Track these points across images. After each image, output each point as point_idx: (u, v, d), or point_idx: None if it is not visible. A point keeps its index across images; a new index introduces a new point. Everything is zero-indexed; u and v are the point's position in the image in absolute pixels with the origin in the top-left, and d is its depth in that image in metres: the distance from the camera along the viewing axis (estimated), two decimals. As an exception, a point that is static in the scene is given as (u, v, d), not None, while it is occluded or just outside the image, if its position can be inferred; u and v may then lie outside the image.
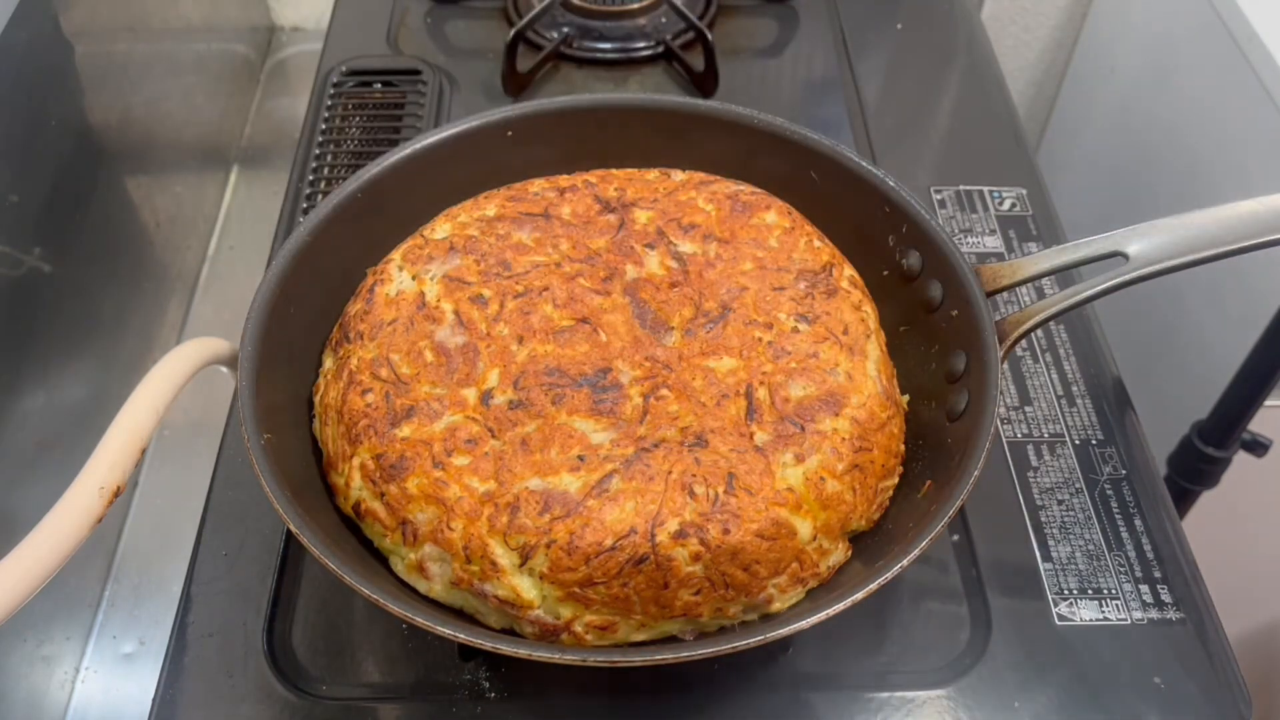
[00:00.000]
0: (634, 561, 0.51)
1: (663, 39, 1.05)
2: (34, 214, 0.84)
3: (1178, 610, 0.65)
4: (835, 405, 0.57)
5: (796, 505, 0.53)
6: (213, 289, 1.12)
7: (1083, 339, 0.80)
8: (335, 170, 0.93)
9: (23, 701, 0.79)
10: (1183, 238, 0.57)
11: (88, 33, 0.94)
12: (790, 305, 0.62)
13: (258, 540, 0.68)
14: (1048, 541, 0.69)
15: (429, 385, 0.58)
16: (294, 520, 0.50)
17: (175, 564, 0.83)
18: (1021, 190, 0.92)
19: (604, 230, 0.66)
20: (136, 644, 0.87)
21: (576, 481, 0.53)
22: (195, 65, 1.17)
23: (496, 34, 1.08)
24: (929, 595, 0.66)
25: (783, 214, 0.67)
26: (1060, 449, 0.73)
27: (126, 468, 0.53)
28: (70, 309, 0.89)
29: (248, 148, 1.25)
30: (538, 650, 0.48)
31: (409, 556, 0.54)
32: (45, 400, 0.85)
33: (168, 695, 0.61)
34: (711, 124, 0.70)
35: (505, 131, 0.70)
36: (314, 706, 0.61)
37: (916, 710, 0.61)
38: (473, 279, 0.62)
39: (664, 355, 0.59)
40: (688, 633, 0.54)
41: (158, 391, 0.56)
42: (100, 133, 0.97)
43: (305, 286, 0.62)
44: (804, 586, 0.54)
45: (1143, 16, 1.27)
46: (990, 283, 0.60)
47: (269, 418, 0.56)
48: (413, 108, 0.99)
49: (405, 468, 0.54)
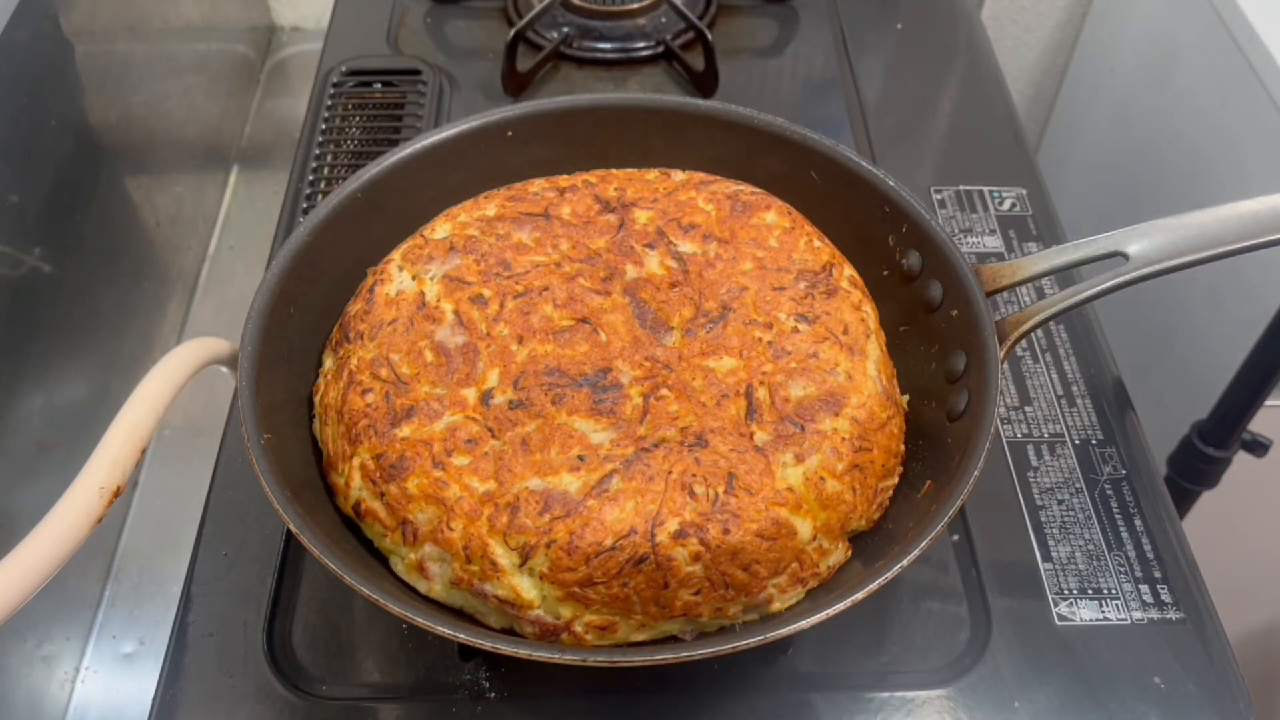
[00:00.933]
0: (634, 561, 0.51)
1: (663, 39, 1.05)
2: (34, 214, 0.84)
3: (1178, 610, 0.65)
4: (835, 405, 0.57)
5: (796, 505, 0.53)
6: (213, 289, 1.12)
7: (1083, 339, 0.80)
8: (335, 170, 0.93)
9: (23, 701, 0.79)
10: (1183, 238, 0.57)
11: (88, 33, 0.94)
12: (790, 305, 0.62)
13: (258, 540, 0.68)
14: (1048, 541, 0.69)
15: (429, 385, 0.58)
16: (294, 520, 0.50)
17: (175, 564, 0.83)
18: (1021, 190, 0.92)
19: (604, 230, 0.66)
20: (136, 644, 0.87)
21: (576, 481, 0.53)
22: (195, 65, 1.17)
23: (496, 34, 1.08)
24: (929, 595, 0.66)
25: (783, 214, 0.67)
26: (1060, 449, 0.73)
27: (127, 468, 0.53)
28: (70, 309, 0.89)
29: (248, 148, 1.26)
30: (537, 650, 0.48)
31: (409, 556, 0.54)
32: (45, 400, 0.85)
33: (168, 695, 0.61)
34: (711, 124, 0.70)
35: (505, 131, 0.70)
36: (314, 706, 0.61)
37: (916, 710, 0.61)
38: (473, 279, 0.62)
39: (664, 355, 0.59)
40: (688, 633, 0.54)
41: (158, 391, 0.56)
42: (100, 133, 0.97)
43: (305, 286, 0.62)
44: (804, 586, 0.54)
45: (1143, 16, 1.27)
46: (990, 283, 0.60)
47: (269, 418, 0.56)
48: (413, 108, 0.99)
49: (405, 468, 0.54)
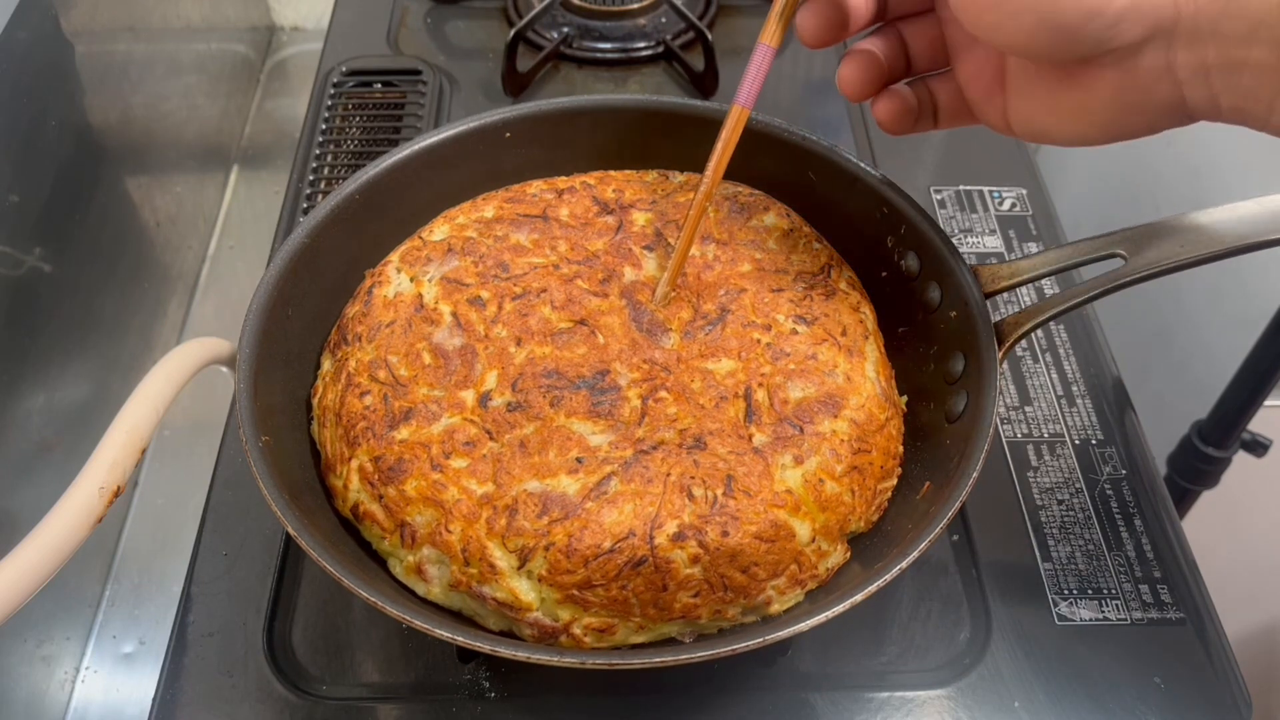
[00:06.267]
0: (632, 564, 0.51)
1: (663, 39, 1.05)
2: (34, 214, 0.84)
3: (1177, 610, 0.65)
4: (834, 407, 0.57)
5: (795, 507, 0.53)
6: (213, 289, 1.12)
7: (1083, 339, 0.80)
8: (335, 170, 0.93)
9: (23, 701, 0.79)
10: (1182, 238, 0.57)
11: (88, 33, 0.94)
12: (789, 307, 0.62)
13: (258, 540, 0.68)
14: (1047, 541, 0.69)
15: (427, 387, 0.58)
16: (292, 523, 0.50)
17: (175, 564, 0.83)
18: (1021, 190, 0.92)
19: (602, 232, 0.66)
20: (136, 644, 0.87)
21: (575, 484, 0.53)
22: (195, 65, 1.17)
23: (496, 34, 1.08)
24: (929, 595, 0.67)
25: (781, 215, 0.67)
26: (1060, 449, 0.73)
27: (127, 468, 0.53)
28: (70, 309, 0.89)
29: (248, 148, 1.25)
30: (536, 653, 0.48)
31: (407, 559, 0.54)
32: (45, 400, 0.85)
33: (168, 695, 0.61)
34: (711, 124, 0.70)
35: (503, 133, 0.69)
36: (314, 706, 0.61)
37: (916, 710, 0.61)
38: (471, 280, 0.62)
39: (662, 357, 0.59)
40: (687, 635, 0.54)
41: (158, 391, 0.56)
42: (100, 133, 0.97)
43: (303, 288, 0.62)
44: (803, 588, 0.54)
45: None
46: (989, 283, 0.60)
47: (267, 420, 0.56)
48: (413, 108, 0.99)
49: (403, 470, 0.54)
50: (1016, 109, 0.52)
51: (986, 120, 0.55)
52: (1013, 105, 0.52)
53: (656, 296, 0.62)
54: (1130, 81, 0.46)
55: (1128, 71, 0.46)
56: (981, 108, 0.55)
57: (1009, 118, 0.53)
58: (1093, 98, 0.48)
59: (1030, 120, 0.52)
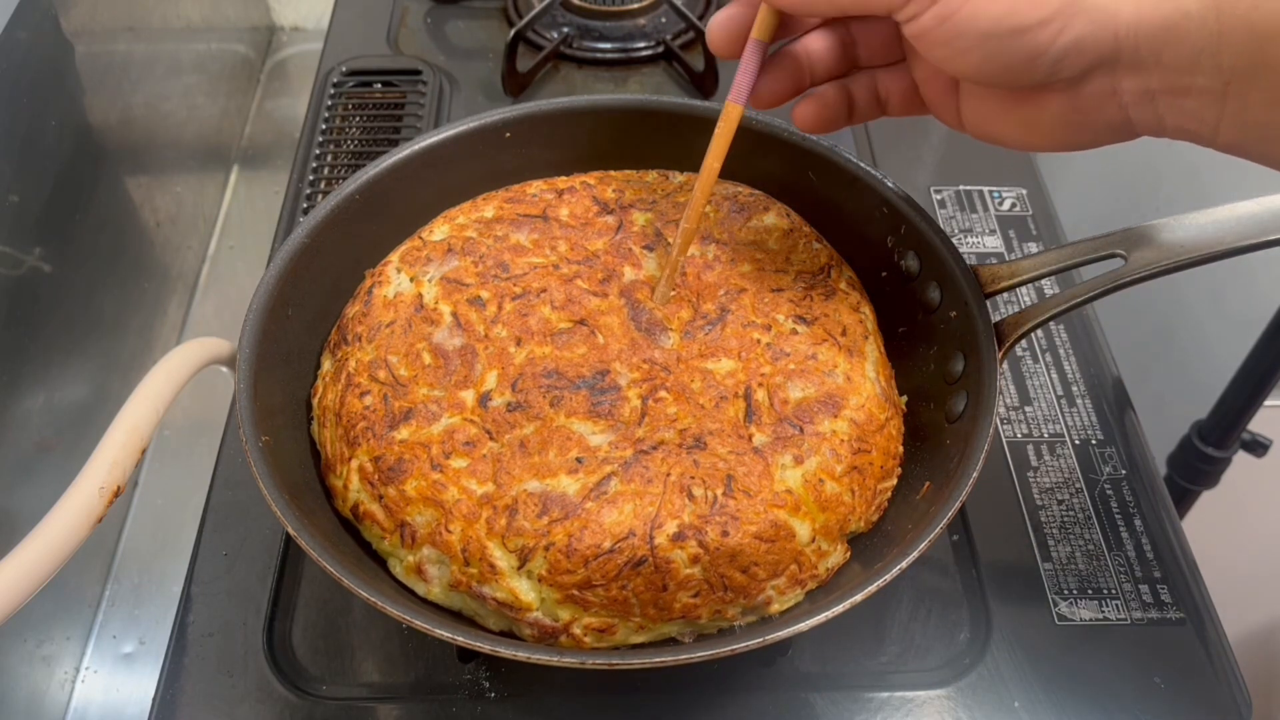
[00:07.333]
0: (632, 564, 0.51)
1: (663, 39, 1.05)
2: (34, 214, 0.84)
3: (1177, 610, 0.65)
4: (834, 407, 0.57)
5: (795, 507, 0.53)
6: (213, 289, 1.12)
7: (1083, 339, 0.80)
8: (335, 170, 0.93)
9: (23, 701, 0.79)
10: (1182, 238, 0.57)
11: (88, 33, 0.94)
12: (789, 307, 0.62)
13: (258, 540, 0.68)
14: (1047, 541, 0.69)
15: (427, 387, 0.58)
16: (292, 523, 0.50)
17: (175, 564, 0.83)
18: (1021, 190, 0.92)
19: (602, 232, 0.66)
20: (136, 644, 0.87)
21: (575, 484, 0.53)
22: (195, 65, 1.17)
23: (496, 34, 1.08)
24: (929, 596, 0.67)
25: (781, 215, 0.67)
26: (1060, 449, 0.73)
27: (127, 468, 0.53)
28: (70, 309, 0.89)
29: (248, 148, 1.26)
30: (536, 653, 0.48)
31: (407, 559, 0.54)
32: (45, 400, 0.85)
33: (168, 695, 0.61)
34: (711, 124, 0.70)
35: (503, 133, 0.69)
36: (314, 706, 0.61)
37: (916, 710, 0.61)
38: (471, 281, 0.62)
39: (662, 357, 0.59)
40: (686, 635, 0.54)
41: (158, 391, 0.56)
42: (100, 133, 0.97)
43: (303, 289, 0.62)
44: (803, 588, 0.54)
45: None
46: (989, 283, 0.60)
47: (267, 420, 0.56)
48: (413, 108, 0.99)
49: (403, 470, 0.54)
50: (969, 113, 0.54)
51: (940, 117, 0.56)
52: (966, 109, 0.54)
53: (656, 296, 0.62)
54: (1077, 104, 0.48)
55: (1074, 95, 0.48)
56: (937, 107, 0.56)
57: (963, 120, 0.55)
58: (1042, 115, 0.50)
59: (981, 125, 0.53)
